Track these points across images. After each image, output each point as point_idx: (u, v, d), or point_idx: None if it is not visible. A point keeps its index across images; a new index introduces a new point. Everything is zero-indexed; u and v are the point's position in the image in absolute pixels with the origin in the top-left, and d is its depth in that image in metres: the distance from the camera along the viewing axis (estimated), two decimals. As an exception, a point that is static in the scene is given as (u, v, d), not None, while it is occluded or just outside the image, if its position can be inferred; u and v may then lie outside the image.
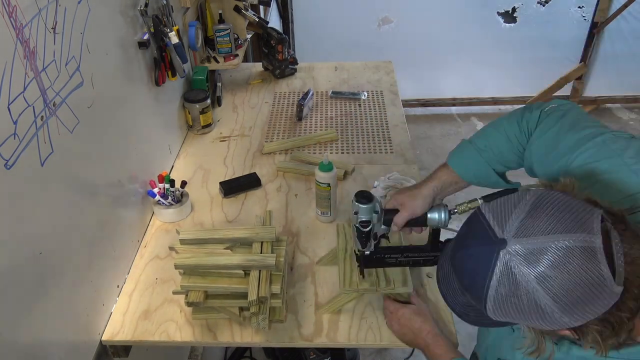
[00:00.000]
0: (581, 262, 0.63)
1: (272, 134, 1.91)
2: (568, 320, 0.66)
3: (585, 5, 3.44)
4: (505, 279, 0.67)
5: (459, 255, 0.75)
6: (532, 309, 0.66)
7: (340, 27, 3.49)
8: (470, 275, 0.72)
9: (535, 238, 0.66)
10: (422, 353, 1.11)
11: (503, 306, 0.69)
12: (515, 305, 0.67)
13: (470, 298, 0.74)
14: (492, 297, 0.69)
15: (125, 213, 1.34)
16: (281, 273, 1.15)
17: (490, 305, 0.70)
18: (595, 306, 0.65)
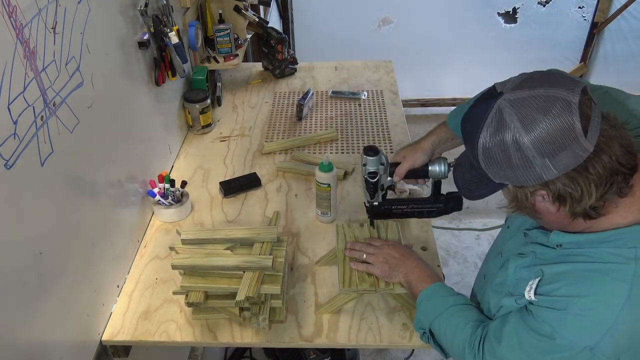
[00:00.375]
0: (557, 109, 0.76)
1: (272, 134, 1.90)
2: (541, 165, 0.77)
3: (585, 5, 3.44)
4: (495, 120, 0.80)
5: (468, 111, 0.88)
6: (513, 150, 0.78)
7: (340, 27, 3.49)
8: (470, 124, 0.85)
9: (526, 91, 0.79)
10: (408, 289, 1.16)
11: (491, 150, 0.81)
12: (500, 146, 0.79)
13: (469, 151, 0.86)
14: (482, 140, 0.81)
15: (125, 213, 1.34)
16: (281, 273, 1.15)
17: (480, 149, 0.82)
18: (567, 155, 0.76)
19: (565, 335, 0.83)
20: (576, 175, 0.77)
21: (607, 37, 3.57)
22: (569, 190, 0.79)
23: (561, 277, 0.86)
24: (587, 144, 0.75)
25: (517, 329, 0.91)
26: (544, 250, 0.93)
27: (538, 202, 0.84)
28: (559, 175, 0.78)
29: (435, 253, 1.37)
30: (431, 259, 1.35)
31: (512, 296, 0.94)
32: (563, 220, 0.85)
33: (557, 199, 0.81)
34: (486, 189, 0.88)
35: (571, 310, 0.82)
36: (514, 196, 0.86)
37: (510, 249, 1.05)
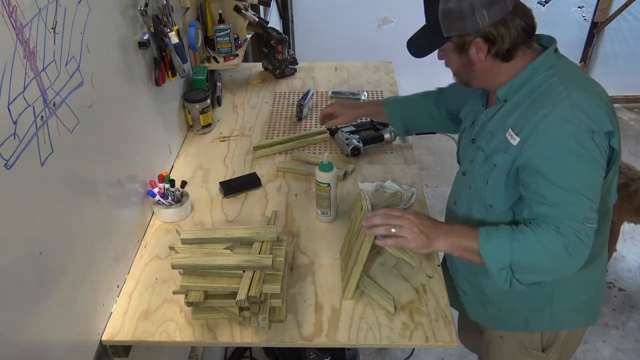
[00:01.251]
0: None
1: (272, 134, 1.91)
2: (480, 14, 1.05)
3: (585, 5, 3.44)
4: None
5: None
6: (465, 3, 1.05)
7: (340, 27, 3.49)
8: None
9: None
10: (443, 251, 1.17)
11: (449, 6, 1.06)
12: (455, 5, 1.06)
13: (430, 10, 1.11)
14: (442, 4, 1.07)
15: (125, 213, 1.34)
16: (281, 273, 1.15)
17: (441, 8, 1.08)
18: (497, 8, 1.05)
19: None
20: (499, 25, 1.07)
21: (607, 37, 3.57)
22: (494, 33, 1.08)
23: (522, 116, 1.10)
24: (509, 4, 1.07)
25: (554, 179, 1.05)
26: (496, 120, 1.18)
27: (472, 53, 1.11)
28: (489, 25, 1.07)
29: (435, 253, 1.37)
30: (431, 259, 1.35)
31: (498, 153, 1.14)
32: (490, 70, 1.14)
33: (486, 40, 1.09)
34: (435, 46, 1.16)
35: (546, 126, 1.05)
36: (457, 46, 1.12)
37: (467, 162, 1.28)
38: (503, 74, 1.14)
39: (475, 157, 1.22)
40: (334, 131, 1.83)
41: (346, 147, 1.73)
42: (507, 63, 1.12)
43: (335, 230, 1.45)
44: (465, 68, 1.16)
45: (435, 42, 1.15)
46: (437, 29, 1.12)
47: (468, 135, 1.31)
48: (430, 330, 1.17)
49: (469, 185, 1.25)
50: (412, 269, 1.30)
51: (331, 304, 1.24)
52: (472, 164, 1.24)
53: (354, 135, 1.78)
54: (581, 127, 1.02)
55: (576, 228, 1.04)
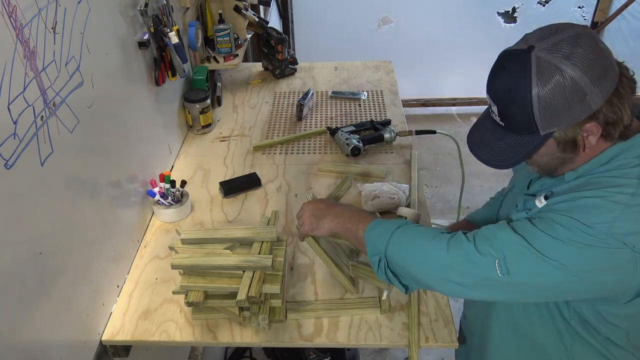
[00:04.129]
0: (591, 40, 0.82)
1: (272, 134, 1.91)
2: (592, 95, 0.80)
3: (585, 5, 3.45)
4: (543, 69, 0.81)
5: (495, 81, 0.88)
6: (570, 86, 0.80)
7: (340, 27, 3.49)
8: (511, 87, 0.85)
9: (553, 36, 0.83)
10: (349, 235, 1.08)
11: (546, 96, 0.81)
12: (556, 90, 0.80)
13: (515, 111, 0.85)
14: (536, 91, 0.82)
15: (125, 213, 1.34)
16: (281, 273, 1.15)
17: (535, 101, 0.82)
18: (608, 79, 0.81)
19: (579, 219, 0.82)
20: (613, 99, 0.82)
21: (607, 37, 3.57)
22: (611, 114, 0.83)
23: (570, 188, 0.89)
24: (616, 68, 0.83)
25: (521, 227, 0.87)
26: (551, 183, 0.96)
27: (580, 140, 0.86)
28: (603, 103, 0.82)
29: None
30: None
31: (522, 211, 0.94)
32: (593, 153, 0.88)
33: (605, 125, 0.84)
34: (526, 149, 0.88)
35: (582, 199, 0.84)
36: (560, 142, 0.87)
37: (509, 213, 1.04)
38: (601, 148, 0.89)
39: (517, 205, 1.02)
40: (334, 131, 1.83)
41: (346, 147, 1.73)
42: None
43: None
44: (560, 160, 0.90)
45: (527, 144, 0.87)
46: (526, 127, 0.86)
47: (514, 199, 1.08)
48: (430, 330, 1.17)
49: None
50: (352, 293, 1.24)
51: (331, 304, 1.24)
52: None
53: (354, 135, 1.78)
54: (610, 230, 0.80)
55: (479, 245, 0.88)
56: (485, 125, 0.94)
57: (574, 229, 0.82)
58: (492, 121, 0.92)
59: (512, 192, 1.15)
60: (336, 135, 1.81)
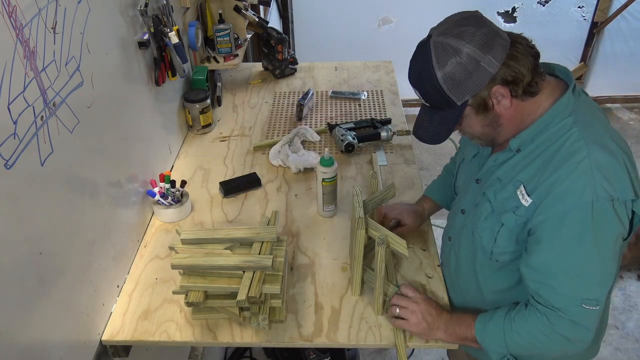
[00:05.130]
0: (475, 19, 0.98)
1: (272, 134, 1.91)
2: (486, 60, 0.94)
3: (585, 5, 3.44)
4: (439, 51, 0.96)
5: (410, 71, 1.05)
6: (464, 59, 0.94)
7: (340, 27, 3.49)
8: (420, 73, 1.01)
9: (446, 23, 1.00)
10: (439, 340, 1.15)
11: (447, 72, 0.96)
12: (454, 66, 0.95)
13: (430, 91, 1.00)
14: (439, 72, 0.96)
15: (125, 213, 1.34)
16: (281, 273, 1.15)
17: (441, 80, 0.97)
18: (498, 45, 0.94)
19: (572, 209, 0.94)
20: (509, 62, 0.95)
21: (607, 37, 3.57)
22: (511, 73, 0.96)
23: (537, 173, 1.00)
24: (504, 35, 0.97)
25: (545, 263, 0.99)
26: (506, 169, 1.07)
27: (496, 105, 0.99)
28: (500, 67, 0.95)
29: (435, 253, 1.38)
30: (431, 259, 1.35)
31: (507, 212, 1.04)
32: (516, 115, 1.01)
33: (507, 83, 0.96)
34: (453, 121, 1.03)
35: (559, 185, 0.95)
36: (477, 107, 1.00)
37: (469, 202, 1.19)
38: (528, 115, 1.02)
39: (480, 203, 1.12)
40: (332, 127, 1.84)
41: (340, 142, 1.75)
42: (531, 100, 1.00)
43: (335, 229, 1.45)
44: (490, 126, 1.03)
45: (450, 116, 1.02)
46: (445, 102, 1.00)
47: (470, 170, 1.23)
48: (430, 330, 1.16)
49: (472, 231, 1.14)
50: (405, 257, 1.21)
51: (331, 304, 1.24)
52: (476, 209, 1.14)
53: (350, 132, 1.79)
54: (600, 196, 0.92)
55: (571, 312, 0.98)
56: (421, 112, 1.10)
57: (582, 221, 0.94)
58: (423, 106, 1.08)
59: (464, 163, 1.28)
60: (334, 131, 1.82)
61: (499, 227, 1.06)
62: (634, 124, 3.79)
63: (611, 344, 2.31)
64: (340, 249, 1.39)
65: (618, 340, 2.33)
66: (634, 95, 3.87)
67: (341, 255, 1.37)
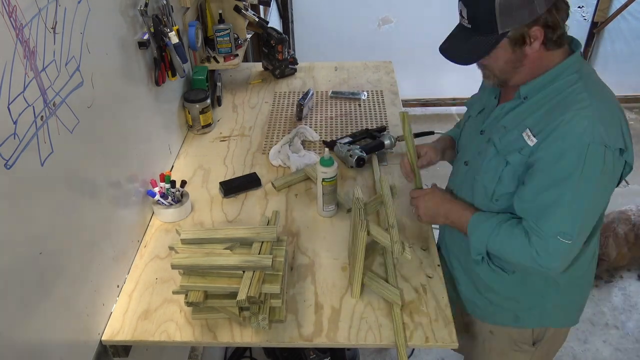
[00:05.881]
0: None
1: (272, 134, 1.91)
2: (539, 1, 1.00)
3: (585, 5, 3.44)
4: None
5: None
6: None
7: (340, 27, 3.49)
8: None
9: None
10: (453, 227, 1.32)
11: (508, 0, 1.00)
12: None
13: (481, 9, 1.04)
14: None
15: (125, 213, 1.34)
16: (281, 273, 1.15)
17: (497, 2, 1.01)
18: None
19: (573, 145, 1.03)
20: (552, 9, 1.03)
21: (606, 36, 3.57)
22: (551, 19, 1.03)
23: (543, 117, 1.09)
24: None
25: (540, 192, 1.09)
26: (512, 117, 1.16)
27: (529, 44, 1.06)
28: (545, 10, 1.02)
29: (435, 253, 1.38)
30: (431, 259, 1.35)
31: (512, 152, 1.13)
32: (538, 61, 1.09)
33: (546, 27, 1.04)
34: (487, 47, 1.07)
35: (563, 127, 1.04)
36: (513, 41, 1.06)
37: (472, 153, 1.28)
38: (544, 66, 1.11)
39: (484, 150, 1.22)
40: (330, 144, 1.79)
41: (350, 158, 1.67)
42: (551, 52, 1.09)
43: (335, 229, 1.45)
44: (512, 64, 1.11)
45: (488, 42, 1.07)
46: (489, 27, 1.05)
47: (474, 125, 1.32)
48: (430, 330, 1.17)
49: (474, 177, 1.25)
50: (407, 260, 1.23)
51: (331, 304, 1.24)
52: (480, 156, 1.24)
53: (353, 145, 1.74)
54: (595, 140, 1.02)
55: (545, 241, 1.09)
56: (454, 34, 1.14)
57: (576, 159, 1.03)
58: (461, 27, 1.12)
59: (469, 121, 1.37)
60: (335, 148, 1.76)
61: (503, 166, 1.16)
62: (634, 124, 3.79)
63: (611, 344, 2.31)
64: (340, 249, 1.39)
65: (618, 340, 2.33)
66: (634, 95, 3.87)
67: (341, 256, 1.37)
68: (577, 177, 1.04)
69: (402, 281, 1.29)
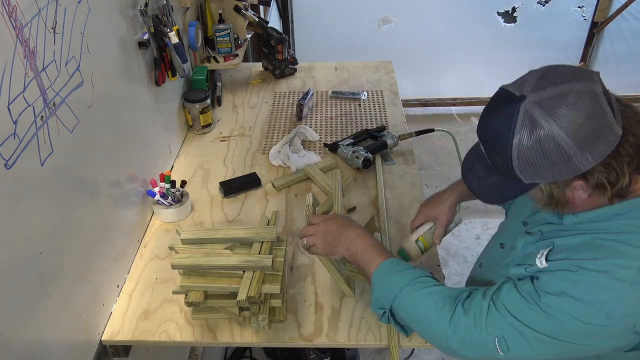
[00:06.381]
0: (587, 101, 0.77)
1: (272, 134, 1.91)
2: (580, 158, 0.77)
3: (585, 5, 3.44)
4: (527, 124, 0.78)
5: (484, 122, 0.87)
6: (553, 149, 0.77)
7: (340, 27, 3.49)
8: (496, 133, 0.83)
9: (549, 88, 0.79)
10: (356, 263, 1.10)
11: (526, 152, 0.79)
12: (538, 147, 0.78)
13: (497, 157, 0.84)
14: (516, 144, 0.79)
15: (125, 213, 1.34)
16: (281, 273, 1.15)
17: (515, 153, 0.80)
18: (603, 143, 0.76)
19: (581, 298, 0.81)
20: (610, 161, 0.78)
21: (606, 36, 3.57)
22: (606, 176, 0.79)
23: (574, 247, 0.87)
24: (617, 129, 0.78)
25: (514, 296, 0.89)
26: (552, 228, 0.94)
27: (571, 192, 0.84)
28: (596, 164, 0.78)
29: (435, 253, 1.37)
30: (431, 259, 1.35)
31: (521, 265, 0.93)
32: (591, 204, 0.86)
33: (595, 187, 0.81)
34: (513, 191, 0.88)
35: (584, 272, 0.81)
36: (547, 193, 0.86)
37: (510, 238, 1.06)
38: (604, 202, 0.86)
39: (496, 253, 1.06)
40: (332, 146, 1.78)
41: (356, 160, 1.66)
42: None
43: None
44: (554, 206, 0.88)
45: (511, 188, 0.87)
46: (508, 173, 0.85)
47: (523, 206, 1.09)
48: (430, 330, 1.16)
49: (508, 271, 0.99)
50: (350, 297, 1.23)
51: (331, 304, 1.24)
52: (511, 252, 1.03)
53: (357, 147, 1.73)
54: (615, 314, 0.79)
55: (478, 329, 0.89)
56: (478, 153, 0.91)
57: (575, 309, 0.82)
58: (481, 154, 0.90)
59: (513, 204, 1.16)
60: (339, 150, 1.75)
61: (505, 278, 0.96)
62: (634, 124, 3.78)
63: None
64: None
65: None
66: (634, 95, 3.86)
67: (341, 255, 1.37)
68: (566, 333, 0.83)
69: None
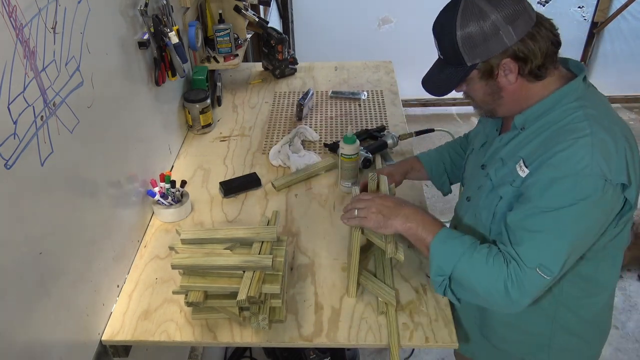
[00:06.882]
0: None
1: (272, 134, 1.91)
2: (505, 31, 0.96)
3: (585, 5, 3.44)
4: (468, 8, 0.99)
5: (436, 19, 1.06)
6: (487, 24, 0.97)
7: (340, 27, 3.49)
8: (443, 19, 1.03)
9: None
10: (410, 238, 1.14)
11: (468, 30, 0.98)
12: (476, 24, 0.98)
13: (446, 42, 1.02)
14: (459, 24, 0.99)
15: (125, 213, 1.34)
16: (281, 273, 1.15)
17: (459, 35, 0.99)
18: (522, 21, 0.97)
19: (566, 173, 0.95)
20: (527, 40, 0.98)
21: (606, 36, 3.57)
22: (524, 50, 0.98)
23: (538, 147, 1.02)
24: (532, 14, 0.99)
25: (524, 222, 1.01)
26: (509, 148, 1.10)
27: (501, 77, 1.02)
28: (517, 41, 0.98)
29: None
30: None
31: (504, 185, 1.07)
32: (519, 93, 1.04)
33: (516, 59, 0.99)
34: (458, 79, 1.06)
35: (559, 154, 0.97)
36: (483, 73, 1.03)
37: (473, 188, 1.20)
38: (532, 96, 1.05)
39: (483, 185, 1.15)
40: (332, 146, 1.78)
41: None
42: (537, 83, 1.03)
43: (335, 230, 1.45)
44: (492, 96, 1.07)
45: (458, 74, 1.05)
46: (457, 59, 1.03)
47: (476, 159, 1.24)
48: (430, 330, 1.17)
49: (474, 214, 1.17)
50: (399, 261, 1.22)
51: (331, 304, 1.24)
52: (479, 192, 1.16)
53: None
54: (594, 171, 0.93)
55: (523, 272, 0.99)
56: (434, 64, 1.12)
57: (570, 185, 0.95)
58: (438, 59, 1.10)
59: (472, 154, 1.30)
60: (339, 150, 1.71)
61: (497, 201, 1.08)
62: (634, 124, 3.78)
63: (611, 344, 2.31)
64: (340, 249, 1.39)
65: (618, 340, 2.33)
66: (634, 95, 3.87)
67: (341, 256, 1.37)
68: (568, 208, 0.95)
69: (401, 281, 1.29)
